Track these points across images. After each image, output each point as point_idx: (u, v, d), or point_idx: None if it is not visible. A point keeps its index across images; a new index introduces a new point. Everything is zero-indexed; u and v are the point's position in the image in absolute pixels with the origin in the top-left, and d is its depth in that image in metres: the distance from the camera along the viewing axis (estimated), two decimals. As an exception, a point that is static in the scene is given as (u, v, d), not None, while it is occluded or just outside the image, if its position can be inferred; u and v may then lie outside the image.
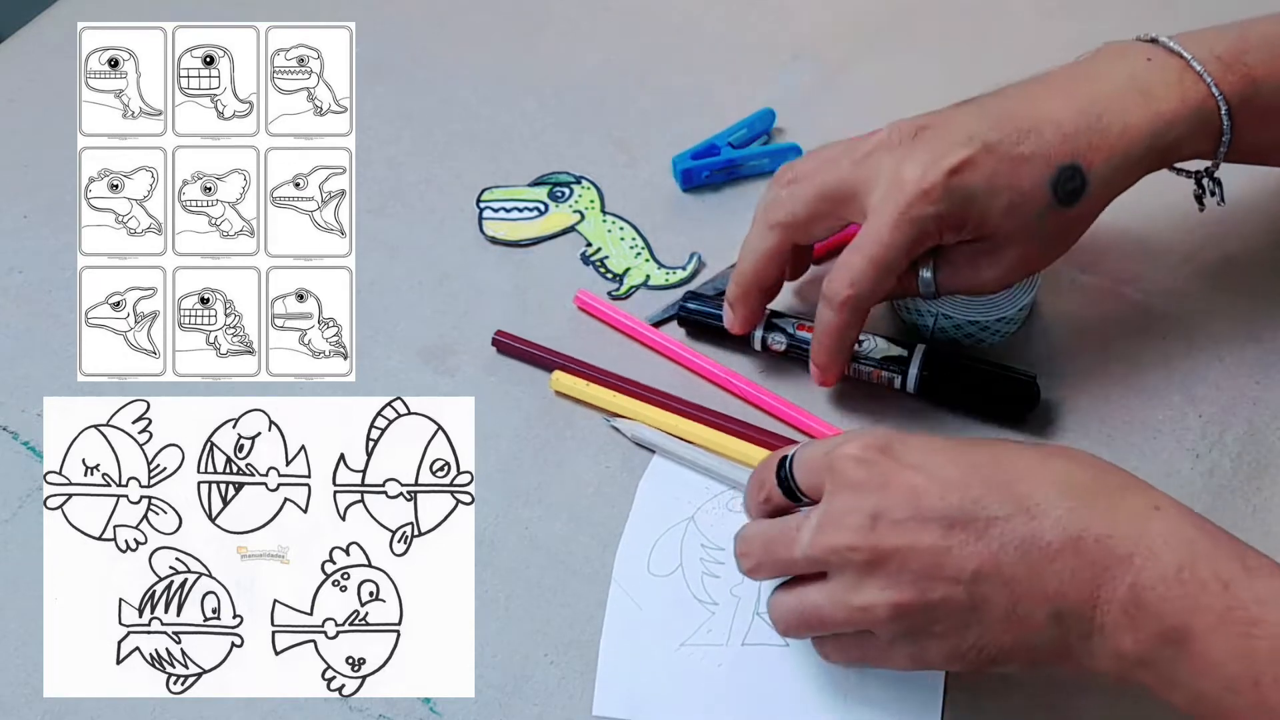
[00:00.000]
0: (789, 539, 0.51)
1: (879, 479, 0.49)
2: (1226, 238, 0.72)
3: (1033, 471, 0.48)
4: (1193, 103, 0.59)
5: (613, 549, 0.62)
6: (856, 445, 0.50)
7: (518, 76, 0.82)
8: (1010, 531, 0.47)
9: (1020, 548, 0.47)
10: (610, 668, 0.58)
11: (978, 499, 0.47)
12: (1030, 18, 0.86)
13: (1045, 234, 0.60)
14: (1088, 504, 0.47)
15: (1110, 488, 0.48)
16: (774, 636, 0.58)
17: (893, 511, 0.48)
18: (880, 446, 0.50)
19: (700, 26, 0.84)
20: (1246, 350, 0.68)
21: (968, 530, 0.47)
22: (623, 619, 0.60)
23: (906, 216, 0.58)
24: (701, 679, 0.58)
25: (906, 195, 0.58)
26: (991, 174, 0.58)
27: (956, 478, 0.48)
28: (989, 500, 0.47)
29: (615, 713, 0.57)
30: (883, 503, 0.48)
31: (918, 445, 0.50)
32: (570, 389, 0.66)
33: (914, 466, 0.49)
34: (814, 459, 0.52)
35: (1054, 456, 0.50)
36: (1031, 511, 0.47)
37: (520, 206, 0.75)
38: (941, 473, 0.49)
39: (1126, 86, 0.59)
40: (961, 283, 0.62)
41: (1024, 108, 0.59)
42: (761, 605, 0.59)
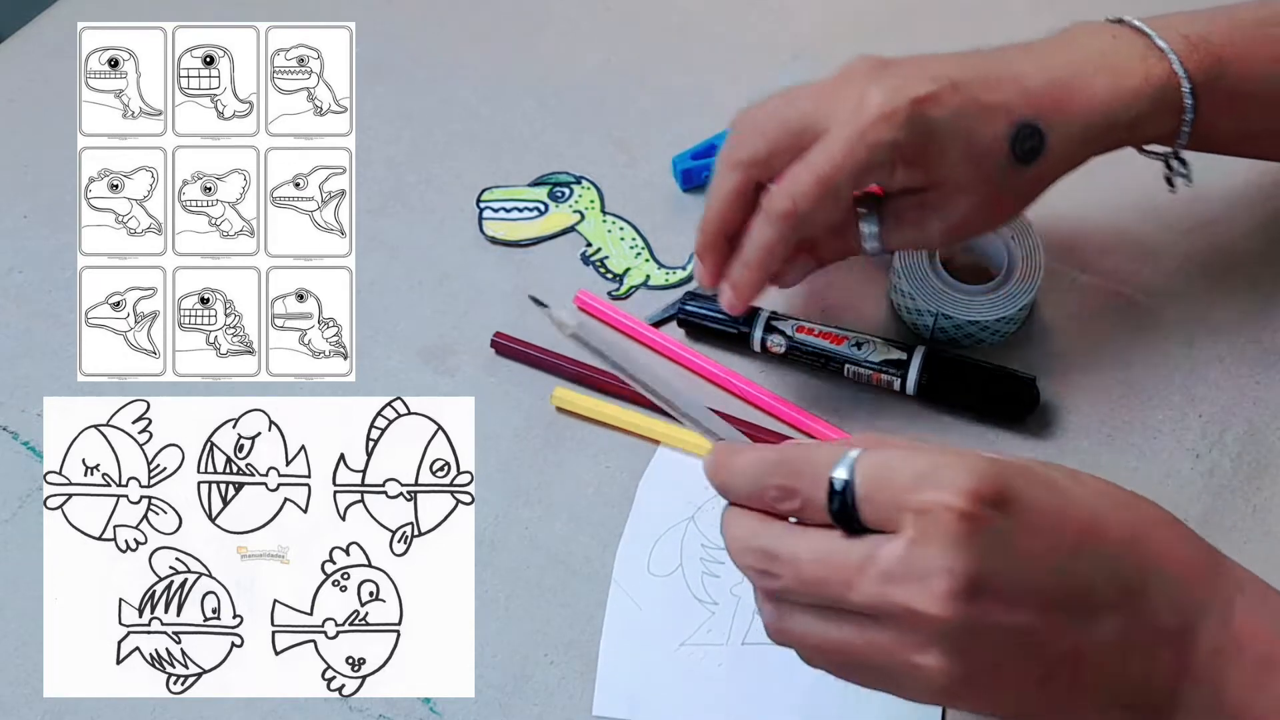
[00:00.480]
0: (844, 576, 0.42)
1: (984, 539, 0.41)
2: (1226, 238, 0.72)
3: (1133, 547, 0.43)
4: (1156, 80, 0.59)
5: (613, 549, 0.62)
6: (958, 493, 0.41)
7: (518, 76, 0.82)
8: (1109, 622, 0.42)
9: (1116, 638, 0.42)
10: (610, 668, 0.58)
11: (1086, 579, 0.42)
12: (1029, 18, 0.85)
13: (997, 190, 0.59)
14: (1184, 591, 0.43)
15: (1200, 570, 0.44)
16: None
17: (996, 580, 0.41)
18: (990, 497, 0.41)
19: (700, 26, 0.84)
20: (1246, 350, 0.68)
21: (1068, 613, 0.42)
22: (623, 619, 0.60)
23: (864, 139, 0.56)
24: (701, 679, 0.58)
25: (867, 116, 0.56)
26: (955, 112, 0.57)
27: (1068, 547, 0.42)
28: (1098, 582, 0.42)
29: (615, 713, 0.57)
30: (985, 568, 0.41)
31: (1028, 499, 0.42)
32: (572, 405, 0.66)
33: (1026, 527, 0.42)
34: (893, 492, 0.42)
35: (1152, 525, 0.45)
36: (1134, 601, 0.43)
37: (520, 206, 0.75)
38: (1053, 538, 0.42)
39: (1093, 60, 0.59)
40: (907, 237, 0.61)
41: (993, 63, 0.59)
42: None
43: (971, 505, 0.41)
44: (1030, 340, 0.68)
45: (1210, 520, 0.62)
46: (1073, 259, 0.71)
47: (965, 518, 0.41)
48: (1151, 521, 0.45)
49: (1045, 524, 0.42)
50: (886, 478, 0.42)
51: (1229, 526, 0.62)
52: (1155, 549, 0.44)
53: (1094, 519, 0.43)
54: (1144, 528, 0.44)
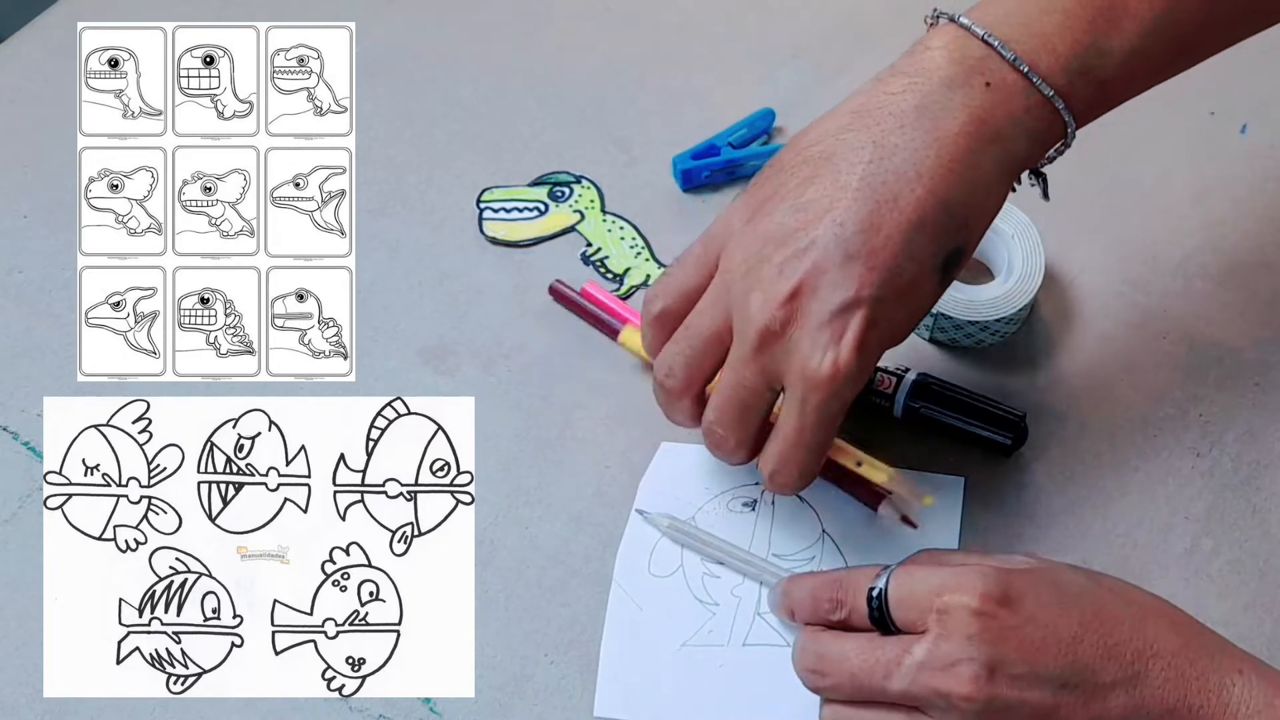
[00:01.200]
0: (885, 669, 0.50)
1: (995, 632, 0.49)
2: (1226, 238, 0.72)
3: (1135, 634, 0.50)
4: (1043, 136, 0.55)
5: (613, 549, 0.62)
6: (972, 596, 0.49)
7: (518, 76, 0.82)
8: (1115, 700, 0.49)
9: (1127, 712, 0.49)
10: (611, 668, 0.58)
11: (1090, 663, 0.49)
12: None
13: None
14: (1184, 672, 0.49)
15: (1199, 653, 0.50)
16: (775, 637, 0.59)
17: (1010, 667, 0.48)
18: (998, 598, 0.49)
19: (700, 26, 0.84)
20: (1246, 350, 0.68)
21: (1078, 693, 0.49)
22: (624, 619, 0.60)
23: (824, 410, 0.53)
24: (702, 679, 0.58)
25: (821, 379, 0.52)
26: (889, 323, 0.53)
27: (1069, 636, 0.49)
28: (1101, 665, 0.49)
29: (616, 713, 0.57)
30: (999, 656, 0.48)
31: (1031, 598, 0.50)
32: (637, 347, 0.66)
33: (1030, 621, 0.49)
34: (918, 598, 0.51)
35: (1150, 616, 0.51)
36: (1137, 680, 0.49)
37: (520, 206, 0.75)
38: (1056, 629, 0.49)
39: (981, 154, 0.53)
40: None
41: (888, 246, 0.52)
42: (763, 606, 0.60)
43: (983, 605, 0.49)
44: (1030, 340, 0.68)
45: (1211, 519, 0.62)
46: (1073, 259, 0.71)
47: (978, 615, 0.49)
48: (1153, 613, 0.51)
49: (1048, 617, 0.49)
50: (913, 587, 0.51)
51: (1229, 525, 0.62)
52: (1152, 635, 0.50)
53: (1097, 612, 0.50)
54: (1144, 619, 0.50)
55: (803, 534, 0.62)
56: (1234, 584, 0.61)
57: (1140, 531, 0.62)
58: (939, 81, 0.54)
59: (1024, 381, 0.67)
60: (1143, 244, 0.71)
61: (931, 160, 0.52)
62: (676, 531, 0.62)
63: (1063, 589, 0.51)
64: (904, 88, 0.54)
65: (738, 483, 0.63)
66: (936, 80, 0.54)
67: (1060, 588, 0.51)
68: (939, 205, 0.52)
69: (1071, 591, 0.51)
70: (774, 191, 0.54)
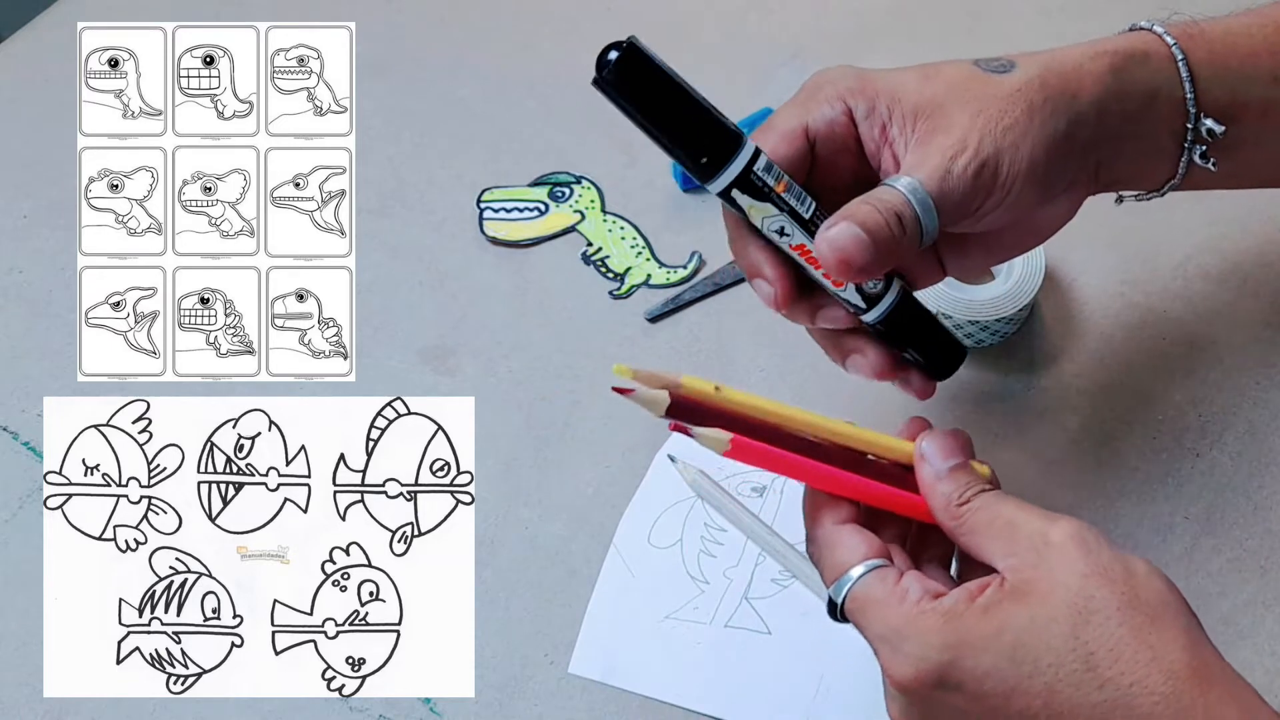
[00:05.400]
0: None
1: (921, 709, 0.46)
2: (1226, 238, 0.72)
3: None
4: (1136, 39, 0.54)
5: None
6: (902, 673, 0.45)
7: (518, 76, 0.82)
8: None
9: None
10: (593, 629, 0.59)
11: None
12: (1030, 17, 0.86)
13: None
14: None
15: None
16: (757, 623, 0.59)
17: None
18: (929, 682, 0.44)
19: (700, 26, 0.84)
20: (1246, 350, 0.68)
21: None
22: (615, 584, 0.61)
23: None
24: (679, 654, 0.59)
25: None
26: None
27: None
28: None
29: (591, 674, 0.58)
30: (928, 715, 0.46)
31: (969, 679, 0.44)
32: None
33: (965, 699, 0.44)
34: (866, 631, 0.47)
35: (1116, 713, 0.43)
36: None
37: (520, 207, 0.75)
38: (988, 711, 0.44)
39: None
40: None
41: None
42: (752, 591, 0.60)
43: (911, 683, 0.45)
44: (1030, 340, 0.68)
45: (1211, 519, 0.62)
46: (1073, 259, 0.71)
47: (905, 689, 0.45)
48: (1121, 707, 0.43)
49: (982, 701, 0.44)
50: (861, 624, 0.47)
51: (1229, 525, 0.62)
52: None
53: (1049, 698, 0.43)
54: (1107, 713, 0.43)
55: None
56: (1234, 583, 0.61)
57: (1140, 531, 0.62)
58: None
59: (1024, 381, 0.67)
60: (1143, 244, 0.71)
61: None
62: (701, 484, 0.62)
63: (1016, 665, 0.44)
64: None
65: (751, 467, 0.64)
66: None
67: (1016, 662, 0.44)
68: None
69: (1024, 671, 0.43)
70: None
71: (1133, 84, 0.53)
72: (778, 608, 0.60)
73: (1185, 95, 0.54)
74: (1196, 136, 0.55)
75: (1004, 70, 0.52)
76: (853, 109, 0.52)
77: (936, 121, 0.51)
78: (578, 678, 0.58)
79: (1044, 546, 0.45)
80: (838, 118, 0.52)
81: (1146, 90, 0.53)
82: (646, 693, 0.58)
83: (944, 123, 0.51)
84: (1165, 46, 0.54)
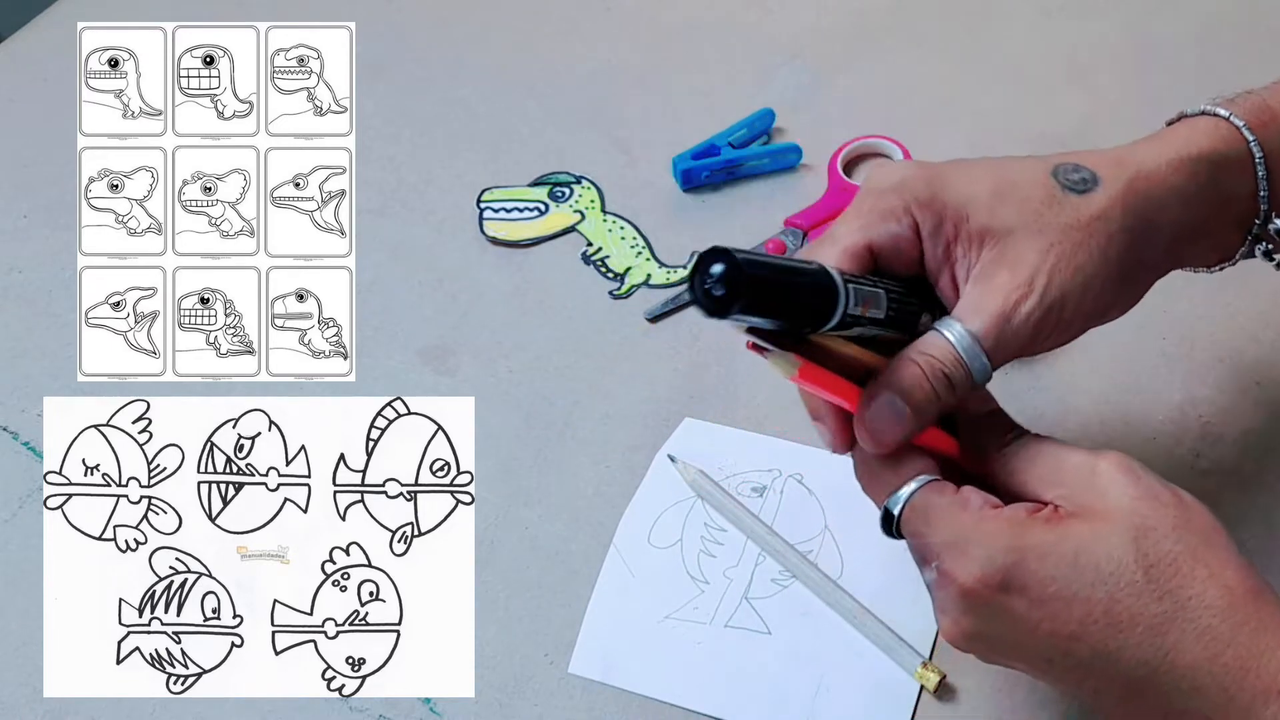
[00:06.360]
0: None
1: (984, 612, 0.46)
2: (1227, 238, 0.72)
3: (1149, 639, 0.44)
4: (1216, 134, 0.53)
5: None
6: (968, 576, 0.45)
7: (518, 76, 0.82)
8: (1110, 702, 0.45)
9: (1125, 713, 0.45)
10: (592, 629, 0.59)
11: (1082, 662, 0.45)
12: (1030, 17, 0.86)
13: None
14: (1197, 689, 0.43)
15: (1226, 669, 0.43)
16: (757, 623, 0.59)
17: (988, 640, 0.47)
18: (993, 584, 0.45)
19: (700, 26, 0.84)
20: (1246, 351, 0.68)
21: (1070, 682, 0.46)
22: (614, 584, 0.60)
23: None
24: (679, 654, 0.59)
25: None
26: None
27: (1065, 632, 0.44)
28: (1095, 666, 0.45)
29: (590, 673, 0.58)
30: (979, 630, 0.46)
31: (1032, 583, 0.44)
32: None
33: (1028, 604, 0.45)
34: (925, 543, 0.47)
35: (1175, 621, 0.44)
36: (1140, 688, 0.44)
37: (520, 207, 0.75)
38: (1048, 618, 0.45)
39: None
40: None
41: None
42: (752, 591, 0.60)
43: (975, 584, 0.45)
44: (1030, 340, 0.68)
45: (1210, 520, 0.62)
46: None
47: (967, 594, 0.45)
48: (1180, 616, 0.44)
49: (1044, 607, 0.44)
50: (922, 531, 0.47)
51: (1230, 525, 0.62)
52: (1172, 644, 0.43)
53: (1109, 605, 0.44)
54: (1167, 625, 0.44)
55: (806, 525, 0.62)
56: (1234, 584, 0.61)
57: (1140, 531, 0.62)
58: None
59: (1024, 381, 0.67)
60: (1143, 244, 0.71)
61: None
62: (701, 484, 0.62)
63: (1080, 572, 0.44)
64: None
65: (751, 467, 0.64)
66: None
67: (1079, 569, 0.44)
68: None
69: (1087, 580, 0.44)
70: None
71: (1214, 193, 0.52)
72: (778, 608, 0.60)
73: (1260, 193, 0.53)
74: (1264, 234, 0.55)
75: (1084, 189, 0.49)
76: (919, 223, 0.49)
77: (1004, 251, 0.48)
78: (578, 678, 0.58)
79: (1092, 475, 0.47)
80: (904, 234, 0.49)
81: (1224, 198, 0.53)
82: (646, 692, 0.58)
83: (1011, 255, 0.48)
84: (1243, 142, 0.52)
